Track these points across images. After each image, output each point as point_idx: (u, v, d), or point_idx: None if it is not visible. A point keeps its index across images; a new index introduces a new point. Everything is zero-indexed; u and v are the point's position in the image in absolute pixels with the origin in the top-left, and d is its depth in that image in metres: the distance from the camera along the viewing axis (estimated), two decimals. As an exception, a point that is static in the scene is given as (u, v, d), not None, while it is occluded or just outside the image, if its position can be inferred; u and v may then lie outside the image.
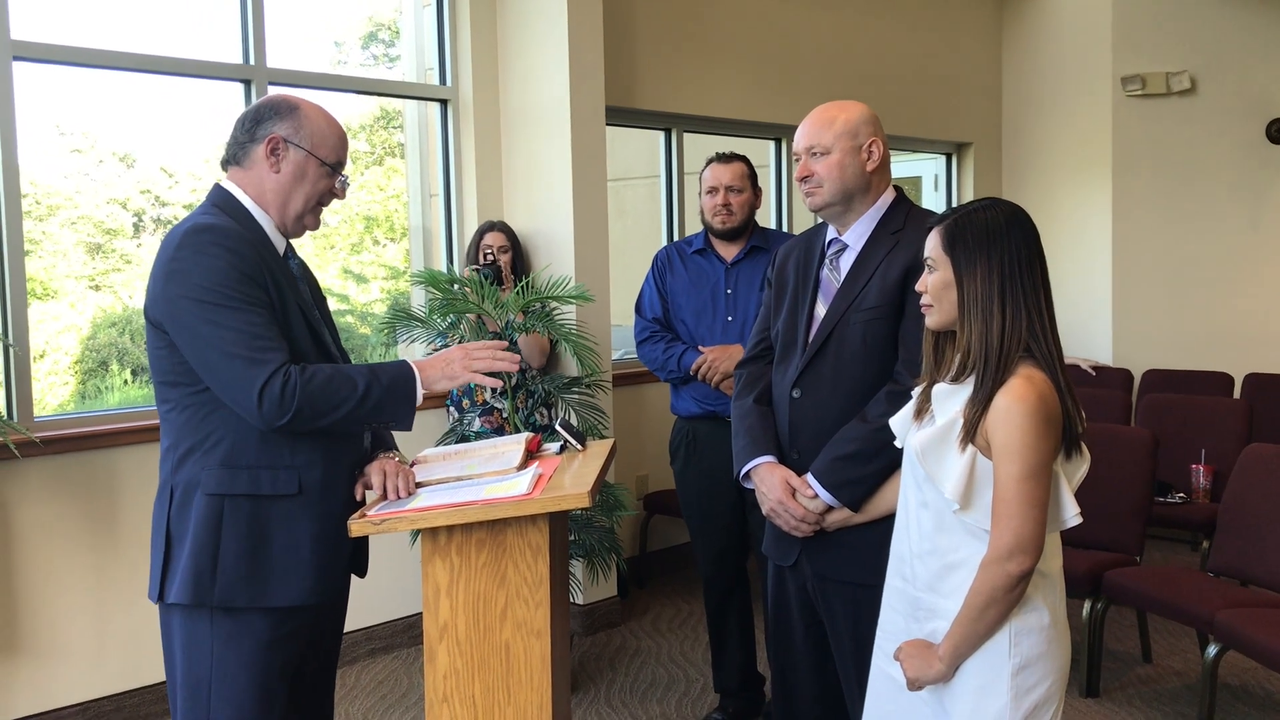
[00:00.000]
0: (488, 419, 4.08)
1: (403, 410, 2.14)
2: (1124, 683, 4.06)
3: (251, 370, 1.99)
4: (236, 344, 1.99)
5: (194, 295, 2.01)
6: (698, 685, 4.10)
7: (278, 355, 2.01)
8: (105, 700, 3.74)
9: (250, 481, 2.07)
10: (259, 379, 1.98)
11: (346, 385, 2.06)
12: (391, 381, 2.12)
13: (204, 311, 2.00)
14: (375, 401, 2.09)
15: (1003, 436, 1.85)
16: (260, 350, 2.00)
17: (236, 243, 2.05)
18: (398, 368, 2.15)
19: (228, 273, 2.01)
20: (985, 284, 1.91)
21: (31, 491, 3.58)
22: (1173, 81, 6.62)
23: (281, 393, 1.99)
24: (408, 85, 5.00)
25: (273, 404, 1.99)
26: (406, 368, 2.15)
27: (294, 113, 2.17)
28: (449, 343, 4.05)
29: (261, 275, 2.07)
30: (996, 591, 1.86)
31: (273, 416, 2.00)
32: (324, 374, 2.05)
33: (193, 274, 2.01)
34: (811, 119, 2.49)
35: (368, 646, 4.41)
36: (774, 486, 2.46)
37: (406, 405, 2.14)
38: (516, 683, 2.08)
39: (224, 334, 2.00)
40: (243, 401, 2.01)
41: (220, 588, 2.06)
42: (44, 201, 4.36)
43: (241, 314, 2.01)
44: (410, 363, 2.17)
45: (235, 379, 2.00)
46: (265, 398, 1.98)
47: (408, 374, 2.14)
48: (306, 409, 2.01)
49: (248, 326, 2.00)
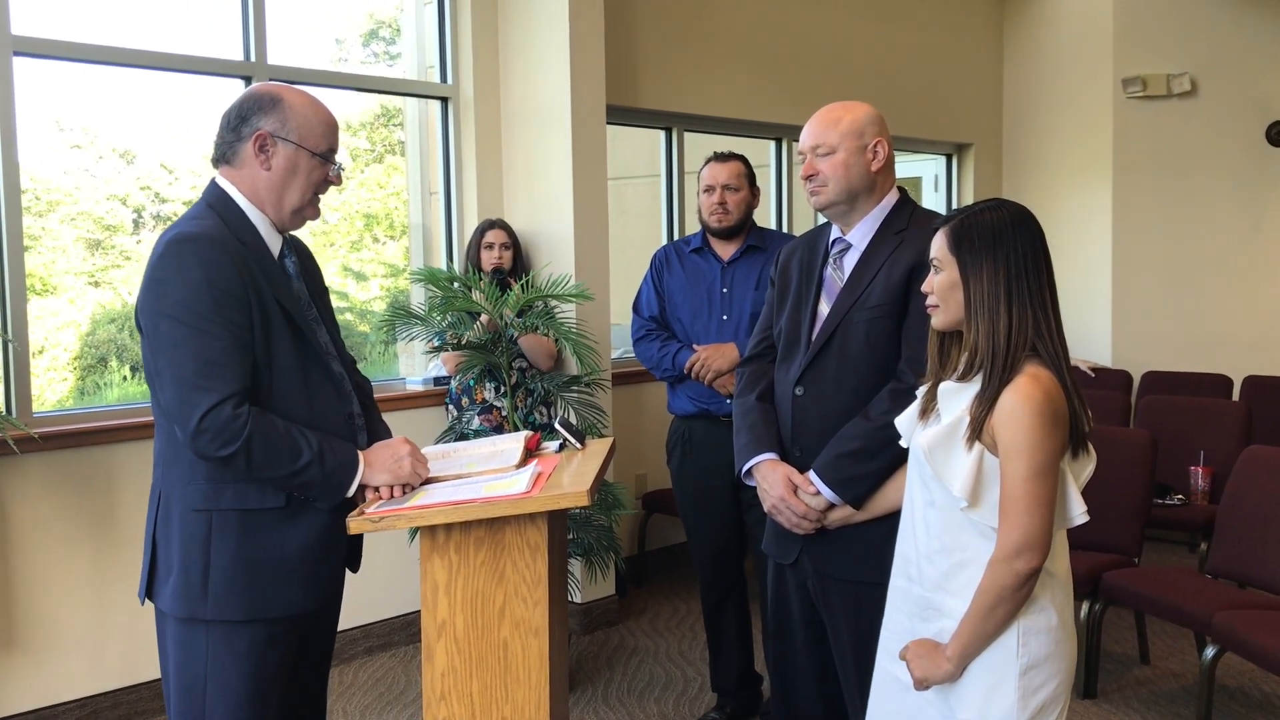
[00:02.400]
0: (487, 417, 4.07)
1: (327, 497, 2.09)
2: (1122, 684, 4.06)
3: (196, 396, 1.95)
4: (190, 368, 1.96)
5: (166, 311, 1.99)
6: (695, 684, 4.09)
7: (231, 384, 1.97)
8: (102, 697, 3.73)
9: (236, 496, 2.06)
10: (203, 405, 1.95)
11: (291, 449, 2.02)
12: (332, 470, 2.06)
13: (171, 330, 1.98)
14: (309, 477, 2.04)
15: (1009, 435, 1.85)
16: (212, 378, 1.96)
17: (217, 252, 2.00)
18: (345, 458, 2.09)
19: (202, 290, 1.97)
20: (991, 284, 1.91)
21: (30, 487, 3.58)
22: (1173, 83, 6.62)
23: (227, 425, 1.95)
24: (408, 83, 5.00)
25: (215, 432, 1.95)
26: (353, 463, 2.10)
27: (278, 105, 2.12)
28: (448, 343, 4.05)
29: (241, 288, 2.02)
30: (1005, 590, 1.86)
31: (210, 446, 1.96)
32: (276, 428, 2.01)
33: (168, 289, 1.99)
34: (817, 118, 2.49)
35: (365, 644, 4.41)
36: (776, 484, 2.46)
37: (334, 494, 2.09)
38: (514, 681, 2.08)
39: (181, 356, 1.97)
40: (183, 425, 1.97)
41: (213, 603, 2.05)
42: (44, 197, 4.35)
43: (205, 337, 1.97)
44: (360, 457, 2.11)
45: (180, 401, 1.96)
46: (207, 424, 1.95)
47: (351, 468, 2.09)
48: (243, 453, 1.97)
49: (207, 352, 1.97)
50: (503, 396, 4.05)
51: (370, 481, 2.12)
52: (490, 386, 4.09)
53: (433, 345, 4.11)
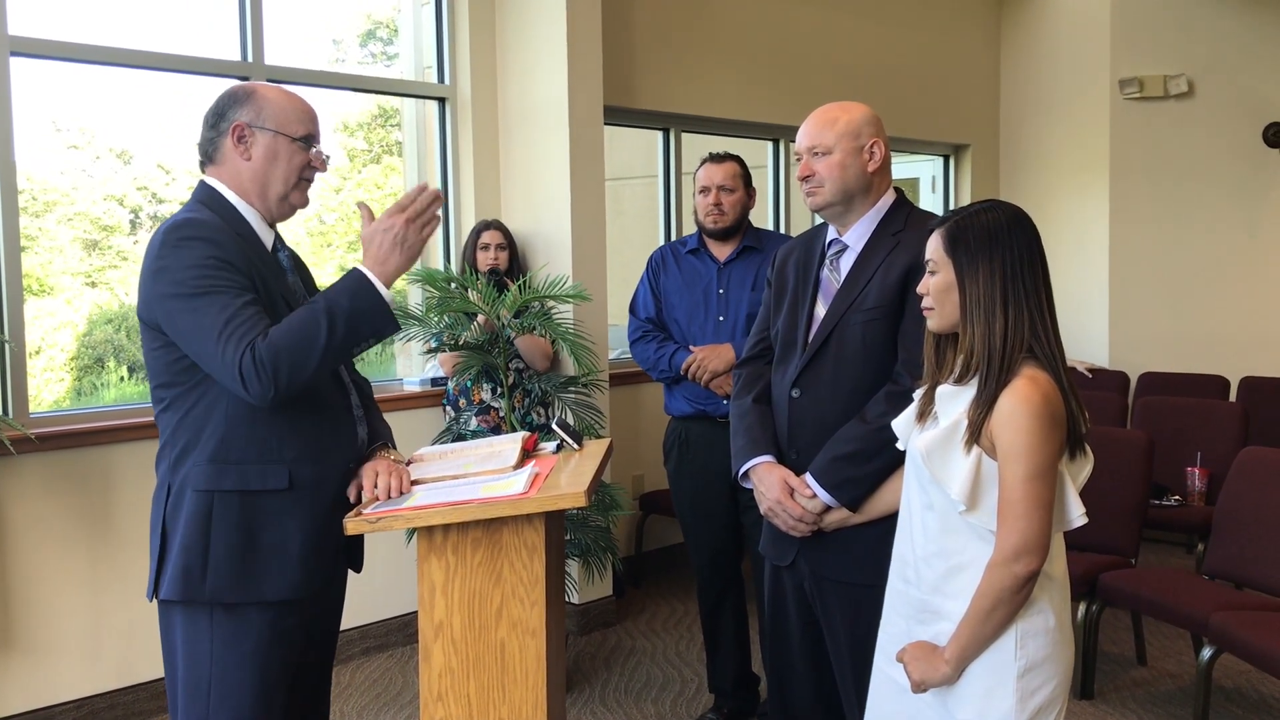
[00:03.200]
0: (484, 418, 4.07)
1: (380, 319, 2.07)
2: (1119, 685, 4.07)
3: (228, 351, 1.96)
4: (216, 329, 1.97)
5: (175, 290, 2.00)
6: (692, 685, 4.09)
7: (249, 333, 1.98)
8: (99, 698, 3.73)
9: (239, 477, 2.06)
10: (234, 361, 1.96)
11: (309, 327, 2.01)
12: (352, 298, 2.05)
13: (184, 303, 2.00)
14: (347, 326, 2.03)
15: (1007, 437, 1.85)
16: (236, 329, 1.97)
17: (215, 233, 2.04)
18: (348, 282, 2.07)
19: (207, 261, 2.00)
20: (987, 286, 1.91)
21: (27, 488, 3.58)
22: (1170, 84, 6.63)
23: (255, 367, 1.96)
24: (406, 83, 5.00)
25: (252, 380, 1.96)
26: (355, 275, 2.08)
27: (251, 97, 2.16)
28: (445, 344, 4.05)
29: (243, 261, 2.05)
30: (1003, 593, 1.86)
31: (259, 393, 1.98)
32: (281, 330, 2.00)
33: (173, 269, 2.01)
34: (814, 119, 2.49)
35: (363, 645, 4.41)
36: (772, 486, 2.46)
37: (379, 312, 2.07)
38: (511, 681, 2.08)
39: (202, 322, 1.98)
40: (233, 386, 1.99)
41: (211, 583, 2.05)
42: (40, 197, 4.35)
43: (216, 298, 1.99)
44: (357, 266, 2.10)
45: (220, 365, 1.98)
46: (244, 377, 1.96)
47: (360, 282, 2.07)
48: (284, 371, 1.97)
49: (226, 310, 1.98)
50: (500, 397, 4.05)
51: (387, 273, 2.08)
52: (488, 387, 4.09)
53: (429, 346, 4.11)
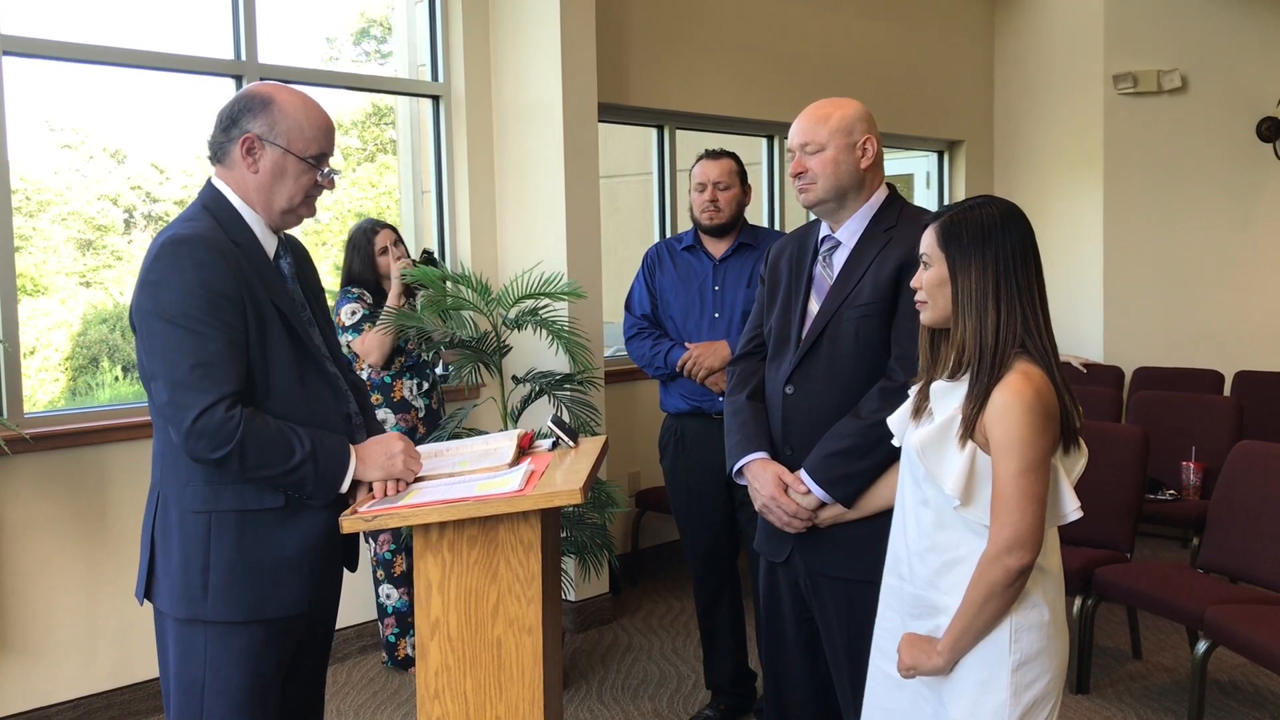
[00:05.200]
0: (403, 416, 4.04)
1: (321, 494, 2.09)
2: (1114, 679, 4.07)
3: (188, 397, 1.95)
4: (183, 369, 1.96)
5: (159, 313, 1.99)
6: (689, 682, 4.10)
7: (224, 385, 1.97)
8: (95, 698, 3.73)
9: (235, 497, 2.05)
10: (195, 407, 1.94)
11: (284, 448, 2.01)
12: (326, 467, 2.06)
13: (164, 331, 1.98)
14: (303, 475, 2.04)
15: (1001, 432, 1.85)
16: (204, 379, 1.96)
17: (211, 255, 2.00)
18: (338, 455, 2.09)
19: (196, 292, 1.97)
20: (980, 281, 1.92)
21: (21, 488, 3.57)
22: (1164, 80, 6.64)
23: (220, 427, 1.95)
24: (400, 81, 4.99)
25: (208, 434, 1.95)
26: (345, 459, 2.09)
27: (268, 107, 2.10)
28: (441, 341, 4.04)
29: (236, 290, 2.02)
30: (995, 586, 1.86)
31: (203, 448, 1.96)
32: (268, 428, 2.00)
33: (163, 290, 1.99)
34: (806, 115, 2.49)
35: (359, 643, 4.40)
36: (766, 482, 2.46)
37: (329, 490, 2.09)
38: (508, 679, 2.08)
39: (174, 357, 1.97)
40: (176, 426, 1.97)
41: (213, 604, 2.05)
42: (34, 197, 4.34)
43: (198, 338, 1.97)
44: (353, 452, 2.11)
45: (173, 403, 1.96)
46: (200, 426, 1.94)
47: (343, 464, 2.09)
48: (237, 454, 1.97)
49: (200, 353, 1.96)
50: (422, 395, 4.05)
51: (363, 477, 2.11)
52: (411, 383, 4.07)
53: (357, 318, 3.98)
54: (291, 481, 2.05)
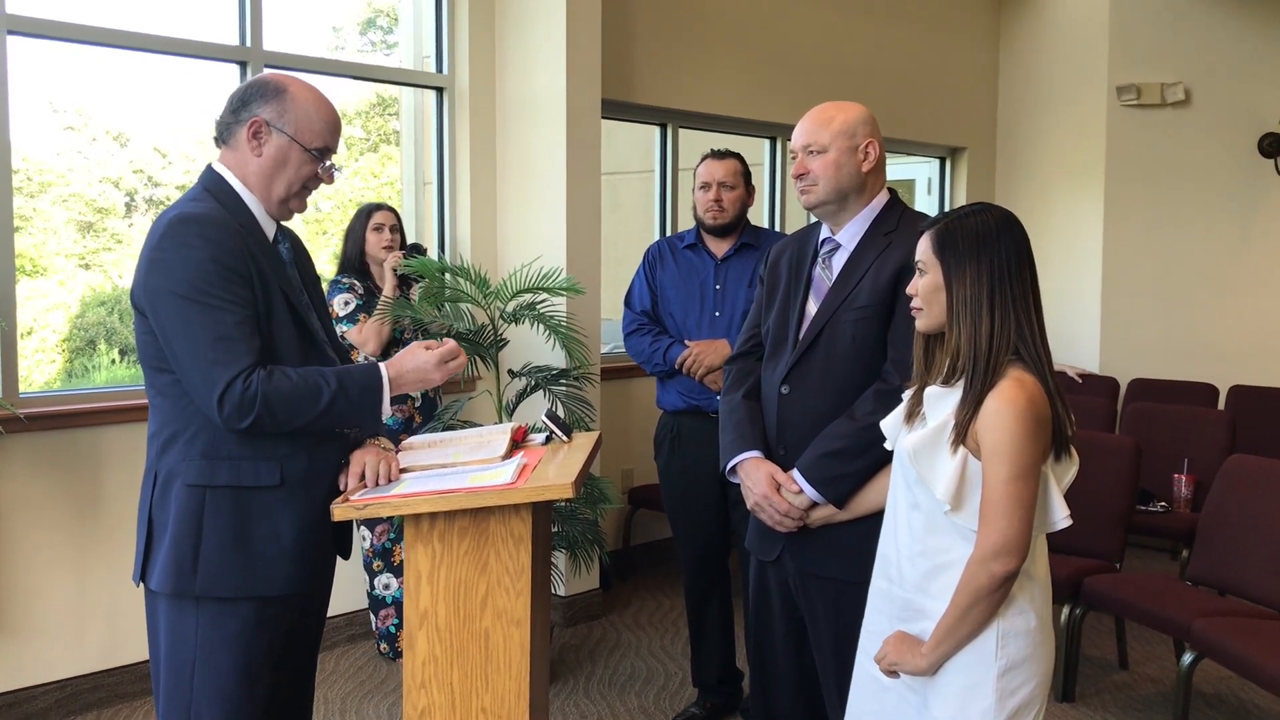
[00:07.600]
0: (399, 407, 4.05)
1: (367, 418, 2.13)
2: (1100, 688, 4.09)
3: (215, 371, 1.98)
4: (205, 344, 1.98)
5: (173, 289, 2.00)
6: (676, 679, 4.11)
7: (245, 358, 1.99)
8: (83, 679, 3.73)
9: (232, 473, 2.07)
10: (221, 381, 1.97)
11: (310, 394, 2.04)
12: (360, 391, 2.10)
13: (180, 307, 1.99)
14: (339, 411, 2.07)
15: (992, 438, 1.86)
16: (227, 352, 1.98)
17: (220, 233, 2.03)
18: (367, 376, 2.13)
19: (208, 267, 1.99)
20: (974, 288, 1.93)
21: (16, 468, 3.58)
22: (1168, 92, 6.65)
23: (241, 397, 1.98)
24: (404, 72, 5.00)
25: (233, 407, 1.98)
26: (376, 376, 2.13)
27: (280, 95, 2.13)
28: (437, 333, 4.05)
29: (245, 266, 2.04)
30: (981, 591, 1.87)
31: (233, 419, 1.99)
32: (289, 381, 2.03)
33: (174, 267, 2.00)
34: (809, 117, 2.50)
35: (348, 632, 4.41)
36: (759, 481, 2.47)
37: (371, 414, 2.13)
38: (495, 671, 2.09)
39: (195, 332, 1.99)
40: (205, 402, 2.00)
41: (202, 579, 2.05)
42: (35, 178, 4.35)
43: (215, 312, 1.99)
44: (382, 368, 2.15)
45: (200, 379, 1.99)
46: (226, 401, 1.98)
47: (376, 383, 2.12)
48: (266, 416, 2.00)
49: (219, 327, 1.99)
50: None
51: (400, 390, 2.17)
52: None
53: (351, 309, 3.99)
54: (332, 421, 2.08)
